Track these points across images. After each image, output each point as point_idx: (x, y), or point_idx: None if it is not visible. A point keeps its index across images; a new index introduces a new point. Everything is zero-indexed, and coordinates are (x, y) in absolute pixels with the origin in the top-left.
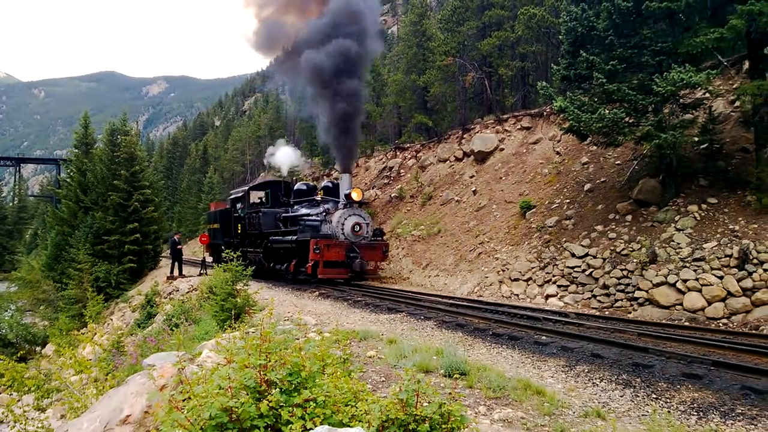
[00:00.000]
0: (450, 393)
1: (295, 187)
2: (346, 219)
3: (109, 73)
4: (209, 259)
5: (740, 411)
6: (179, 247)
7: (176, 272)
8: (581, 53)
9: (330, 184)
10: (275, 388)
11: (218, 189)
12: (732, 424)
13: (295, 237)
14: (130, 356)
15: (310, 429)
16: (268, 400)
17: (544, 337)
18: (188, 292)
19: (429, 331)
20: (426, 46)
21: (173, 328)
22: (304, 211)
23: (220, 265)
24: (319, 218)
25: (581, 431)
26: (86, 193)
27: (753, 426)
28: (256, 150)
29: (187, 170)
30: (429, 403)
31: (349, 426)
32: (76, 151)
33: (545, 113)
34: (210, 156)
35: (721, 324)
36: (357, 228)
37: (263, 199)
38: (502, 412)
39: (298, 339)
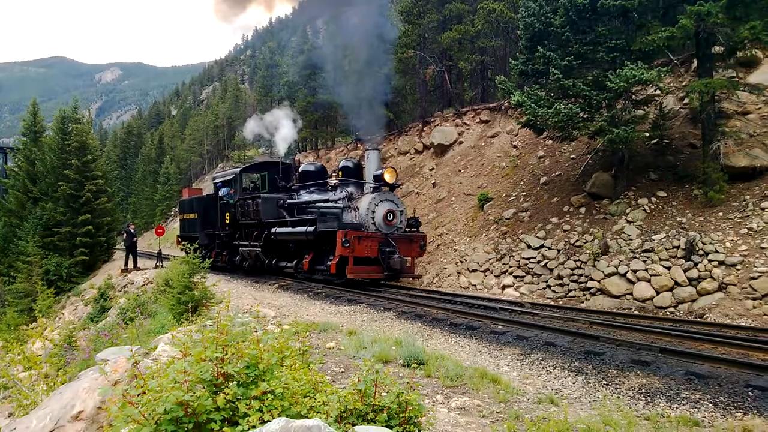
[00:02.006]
0: (408, 383)
1: (301, 169)
2: (377, 205)
3: (60, 58)
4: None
5: (685, 395)
6: (134, 239)
7: (131, 265)
8: (538, 49)
9: (350, 164)
10: (232, 381)
11: (175, 179)
12: (677, 407)
13: (311, 228)
14: (82, 351)
15: (268, 421)
16: (224, 393)
17: (500, 327)
18: (143, 285)
19: (388, 322)
20: (386, 37)
21: (128, 322)
22: (317, 196)
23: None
24: (339, 204)
25: (535, 417)
26: (35, 183)
27: (696, 409)
28: (214, 140)
29: (142, 160)
30: (387, 393)
31: (307, 417)
32: (24, 139)
33: (503, 107)
34: (166, 146)
35: (668, 312)
36: (390, 216)
37: (258, 183)
38: (459, 401)
39: (256, 332)
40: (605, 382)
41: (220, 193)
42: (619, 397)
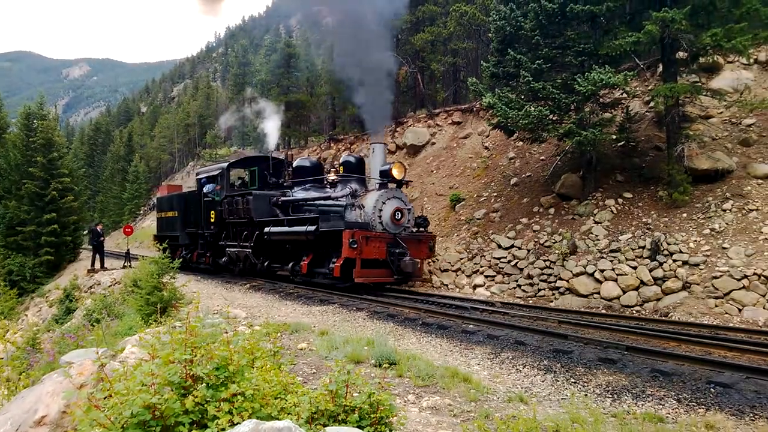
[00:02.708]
0: (380, 383)
1: (295, 164)
2: (384, 203)
3: (26, 53)
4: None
5: (650, 392)
6: (101, 238)
7: (98, 265)
8: (509, 52)
9: (352, 159)
10: (201, 383)
11: (144, 178)
12: (642, 404)
13: (312, 227)
14: (46, 354)
15: (238, 423)
16: (193, 395)
17: (471, 326)
18: (111, 285)
19: (361, 322)
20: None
21: (94, 324)
22: (314, 193)
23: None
24: (342, 202)
25: (505, 416)
26: None
27: (661, 406)
28: (185, 138)
29: (110, 158)
30: (359, 393)
31: (277, 419)
32: None
33: (475, 109)
34: (135, 143)
35: (634, 311)
36: (399, 215)
37: (246, 180)
38: (430, 400)
39: (227, 333)
40: (573, 380)
41: (204, 190)
42: (586, 395)
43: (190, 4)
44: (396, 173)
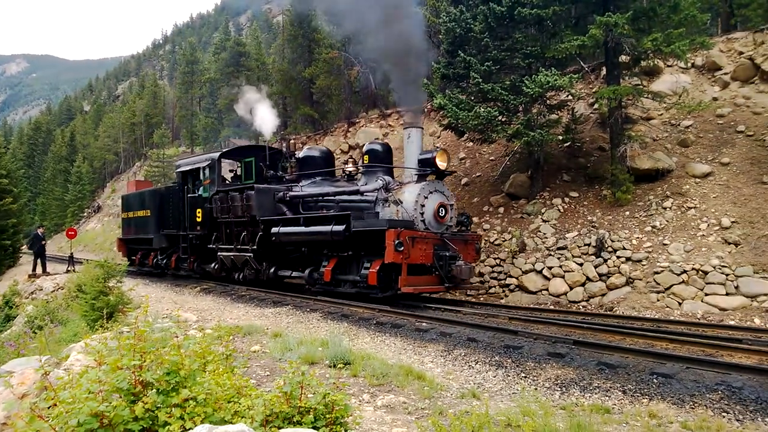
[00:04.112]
0: (334, 383)
1: (301, 154)
2: (426, 198)
3: None
4: (123, 261)
5: (597, 384)
6: (43, 242)
7: (39, 270)
8: (459, 53)
9: (378, 146)
10: (152, 389)
11: (87, 179)
12: (590, 396)
13: (340, 227)
14: None
15: (190, 429)
16: (143, 401)
17: (424, 324)
18: (54, 291)
19: (315, 323)
20: (311, 38)
21: (36, 331)
22: (329, 188)
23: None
24: (370, 197)
25: (458, 412)
26: None
27: (607, 397)
28: (130, 138)
29: (51, 158)
30: (314, 394)
31: (231, 423)
32: None
33: (426, 110)
34: (78, 143)
35: (581, 306)
36: (442, 212)
37: (239, 173)
38: (385, 399)
39: (177, 337)
40: (524, 375)
41: (191, 185)
42: (536, 389)
43: None
44: (441, 162)
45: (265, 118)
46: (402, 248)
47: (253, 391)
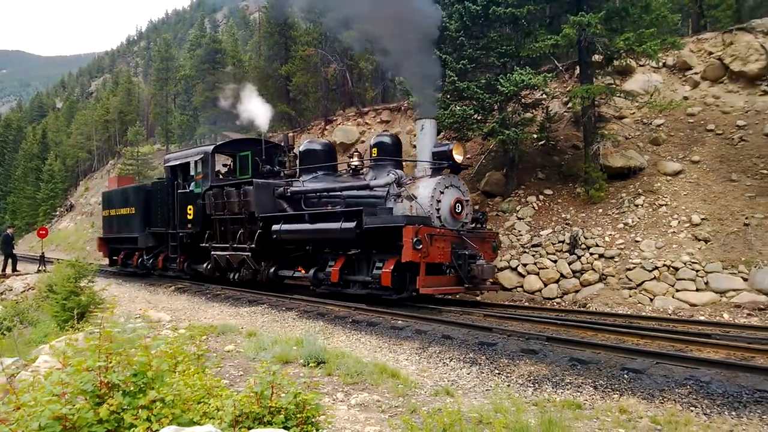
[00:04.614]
0: (305, 382)
1: (302, 148)
2: (442, 193)
3: None
4: (104, 262)
5: (569, 380)
6: (12, 242)
7: (9, 270)
8: (435, 51)
9: (387, 139)
10: (118, 391)
11: (60, 177)
12: (562, 392)
13: (350, 224)
14: None
15: (157, 431)
16: (108, 404)
17: (400, 322)
18: (24, 291)
19: (290, 322)
20: (288, 35)
21: (5, 332)
22: (334, 183)
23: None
24: (379, 192)
25: (432, 409)
26: None
27: (579, 393)
28: (104, 135)
29: (22, 156)
30: (285, 394)
31: (199, 424)
32: None
33: (403, 108)
34: (50, 141)
35: (555, 303)
36: (459, 208)
37: (233, 167)
38: (359, 397)
39: (148, 337)
40: (497, 372)
41: (181, 180)
42: (509, 385)
43: None
44: (457, 155)
45: (258, 111)
46: (420, 246)
47: (224, 392)
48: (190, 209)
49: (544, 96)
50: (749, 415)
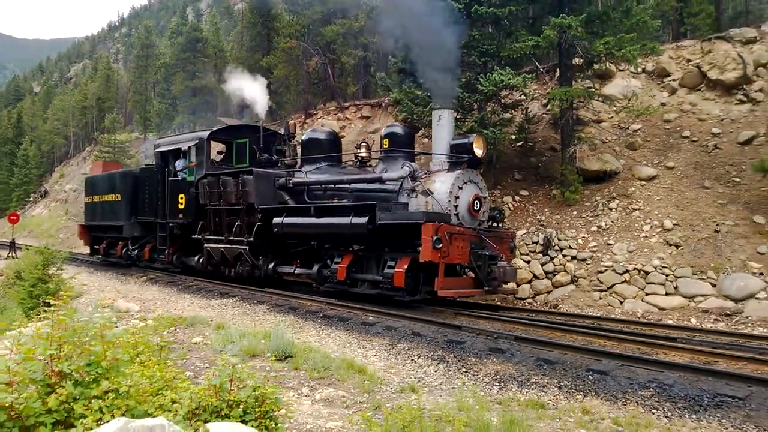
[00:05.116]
0: (266, 376)
1: (305, 137)
2: (461, 189)
3: None
4: (80, 250)
5: (534, 380)
6: None
7: None
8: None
9: (399, 129)
10: (69, 381)
11: (35, 162)
12: (527, 392)
13: (361, 219)
14: None
15: (107, 422)
16: (58, 393)
17: (371, 318)
18: None
19: (261, 315)
20: (271, 26)
21: None
22: (341, 175)
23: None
24: (392, 186)
25: (395, 406)
26: None
27: (543, 393)
28: (81, 121)
29: None
30: (245, 387)
31: (153, 416)
32: None
33: (384, 104)
34: (26, 125)
35: (527, 303)
36: (477, 205)
37: (228, 155)
38: (324, 392)
39: (117, 327)
40: (464, 370)
41: (173, 167)
42: (475, 384)
43: None
44: (478, 149)
45: (257, 96)
46: (441, 245)
47: (184, 383)
48: (181, 198)
49: (524, 97)
50: (709, 419)
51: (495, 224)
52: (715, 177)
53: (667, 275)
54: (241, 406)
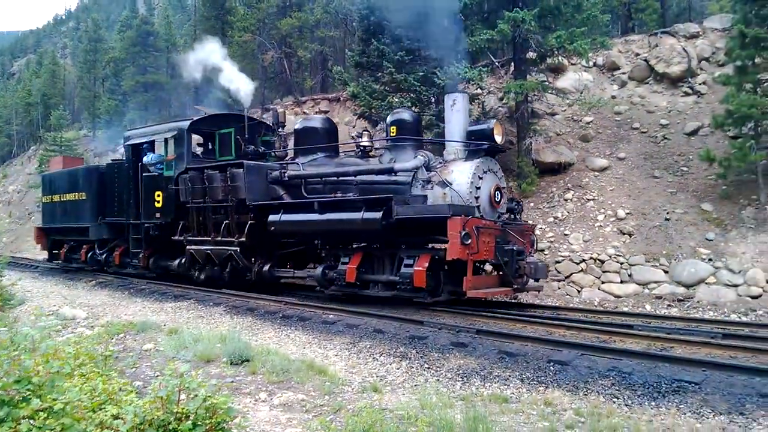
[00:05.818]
0: (219, 383)
1: (298, 126)
2: (482, 179)
3: None
4: (36, 253)
5: (497, 374)
6: None
7: None
8: (373, 42)
9: (408, 116)
10: None
11: None
12: (489, 386)
13: (375, 214)
14: None
15: None
16: None
17: (331, 316)
18: None
19: (217, 318)
20: (225, 19)
21: None
22: (345, 167)
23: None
24: (403, 177)
25: (357, 407)
26: None
27: (506, 386)
28: (26, 119)
29: None
30: (195, 397)
31: None
32: None
33: (342, 98)
34: None
35: None
36: (498, 196)
37: (210, 146)
38: (283, 397)
39: (62, 336)
40: (427, 366)
41: (145, 161)
42: (438, 380)
43: None
44: (497, 135)
45: (238, 80)
46: (469, 241)
47: (129, 395)
48: (158, 196)
49: (480, 90)
50: (667, 405)
51: (514, 216)
52: (664, 167)
53: (621, 263)
54: (190, 419)
